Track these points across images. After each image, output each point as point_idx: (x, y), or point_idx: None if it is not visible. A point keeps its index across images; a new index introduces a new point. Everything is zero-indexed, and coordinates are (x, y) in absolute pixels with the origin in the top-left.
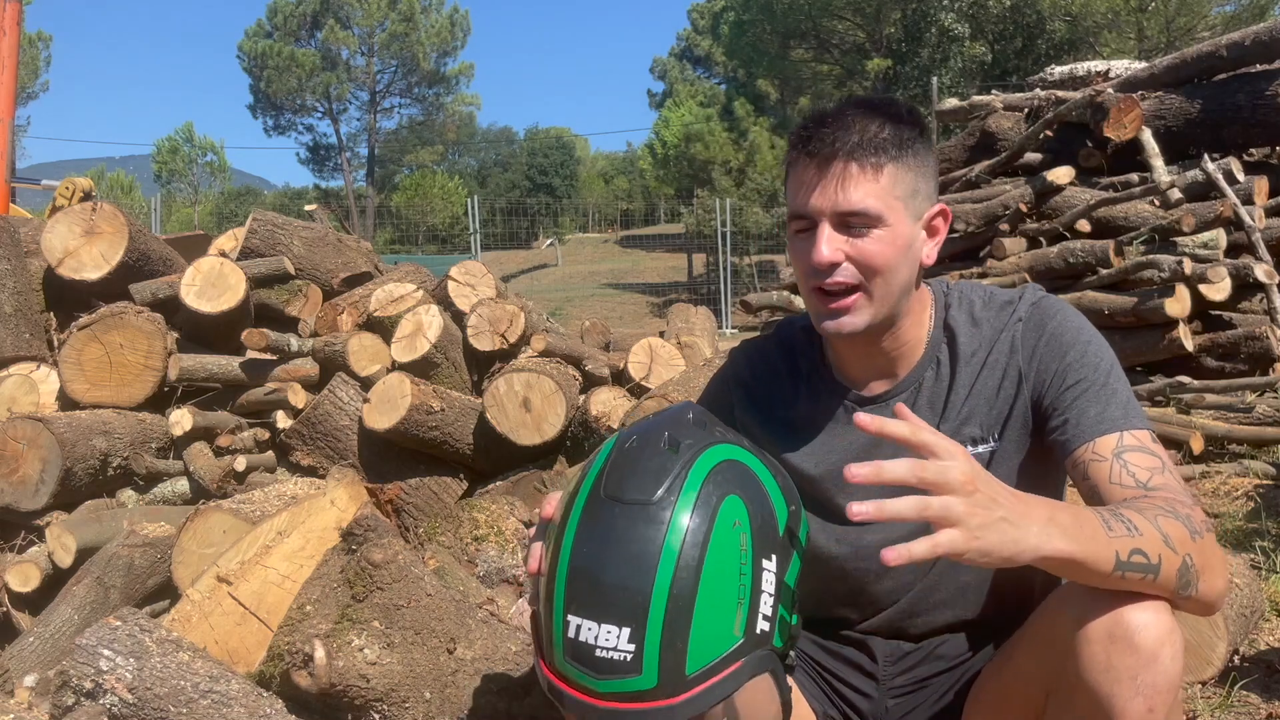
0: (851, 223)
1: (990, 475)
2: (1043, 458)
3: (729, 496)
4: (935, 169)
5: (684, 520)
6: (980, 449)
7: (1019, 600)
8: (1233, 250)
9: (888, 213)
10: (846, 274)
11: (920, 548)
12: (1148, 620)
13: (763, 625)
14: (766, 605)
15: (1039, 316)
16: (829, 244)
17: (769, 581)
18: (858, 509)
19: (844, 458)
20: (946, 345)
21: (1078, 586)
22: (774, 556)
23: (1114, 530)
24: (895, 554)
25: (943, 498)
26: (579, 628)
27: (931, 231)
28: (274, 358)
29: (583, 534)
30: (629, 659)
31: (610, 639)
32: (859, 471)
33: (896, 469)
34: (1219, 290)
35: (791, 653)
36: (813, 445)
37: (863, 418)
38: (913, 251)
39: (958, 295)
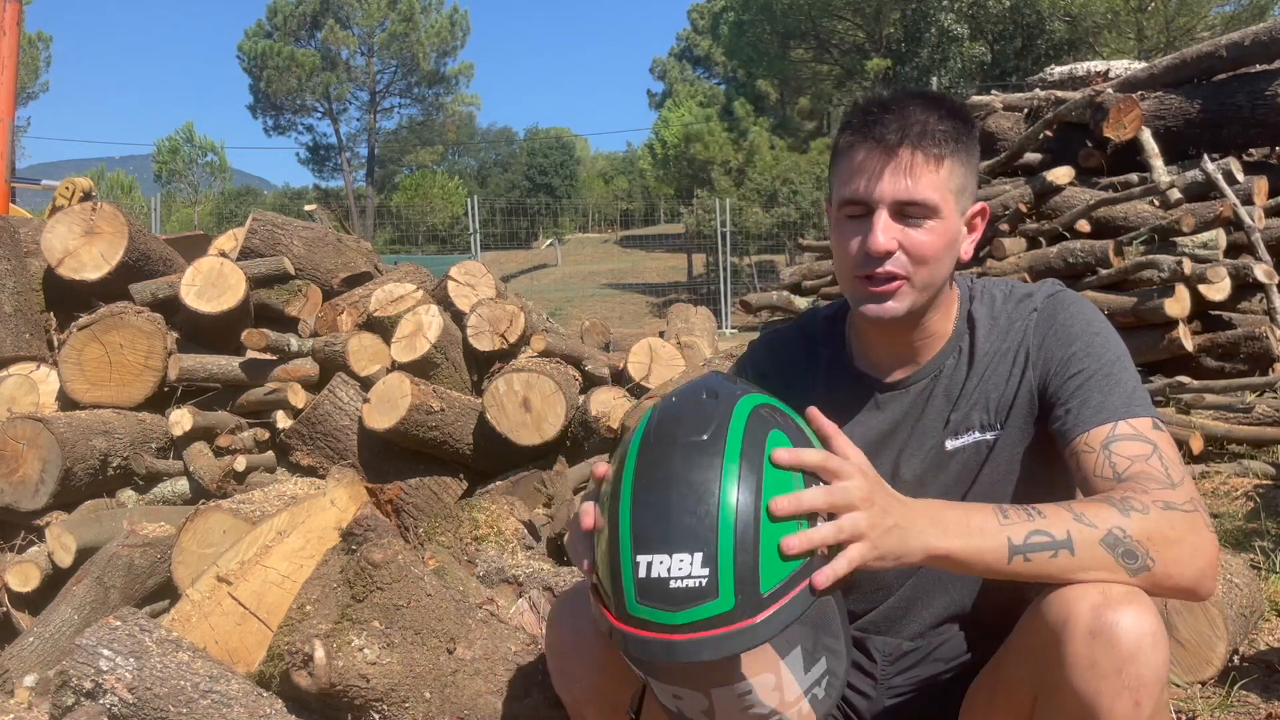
0: (908, 212)
1: (884, 486)
2: (1051, 445)
3: (772, 431)
4: (979, 168)
5: (737, 449)
6: (987, 435)
7: (1012, 591)
8: (1232, 250)
9: (942, 205)
10: (897, 264)
11: (840, 564)
12: (1129, 615)
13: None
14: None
15: (1052, 307)
16: (885, 232)
17: None
18: (791, 542)
19: (861, 444)
20: (969, 336)
21: (1058, 587)
22: (821, 484)
23: (1010, 518)
24: (823, 577)
25: (849, 515)
26: (649, 565)
27: (971, 228)
28: (274, 358)
29: (640, 479)
30: (704, 583)
31: (683, 567)
32: (782, 505)
33: (813, 498)
34: (1219, 290)
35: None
36: None
37: (780, 454)
38: (955, 246)
39: (981, 289)
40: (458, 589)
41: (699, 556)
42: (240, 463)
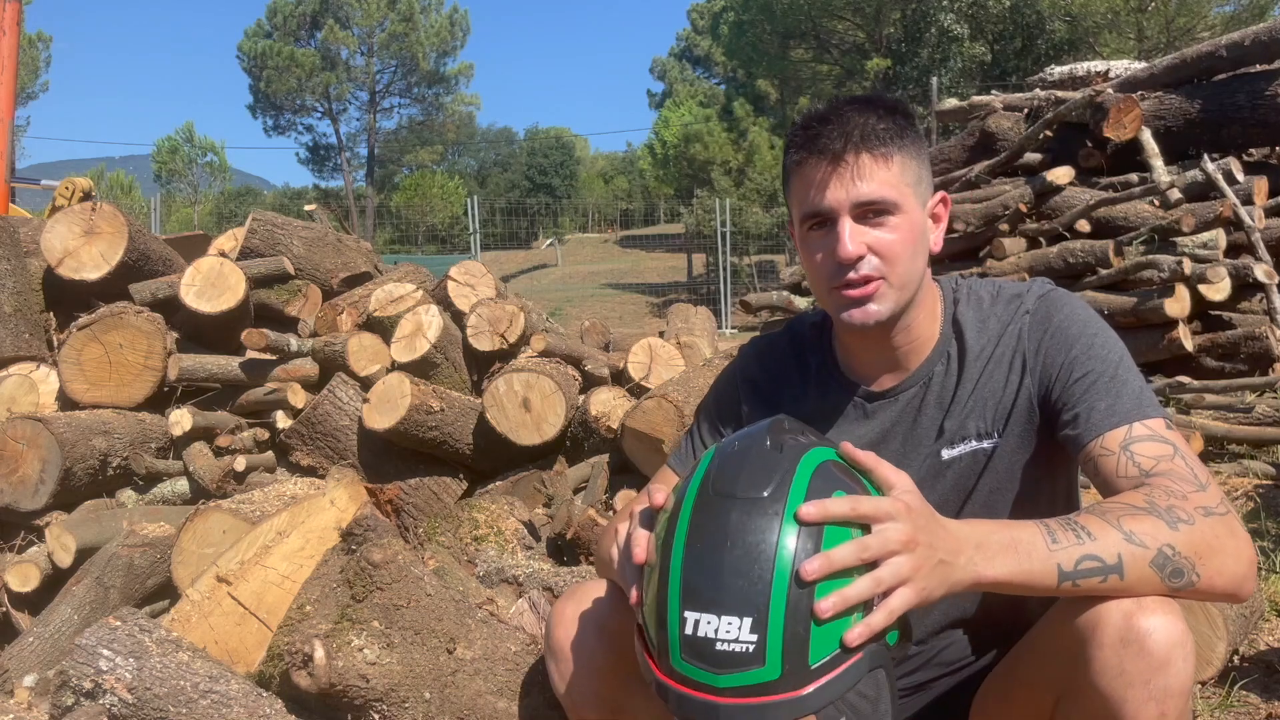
0: (868, 213)
1: (930, 518)
2: (1052, 453)
3: (836, 491)
4: (928, 158)
5: (796, 514)
6: (984, 443)
7: (1015, 598)
8: (1233, 250)
9: (901, 200)
10: (869, 266)
11: (878, 618)
12: (1160, 624)
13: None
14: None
15: (1046, 309)
16: (853, 238)
17: None
18: (825, 605)
19: None
20: (955, 340)
21: None
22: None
23: (1059, 541)
24: (854, 634)
25: (890, 563)
26: (697, 623)
27: (935, 219)
28: (274, 358)
29: (695, 531)
30: (751, 650)
31: (731, 630)
32: (811, 569)
33: (844, 555)
34: (1219, 290)
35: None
36: None
37: (806, 509)
38: (924, 239)
39: (966, 291)
40: (458, 589)
41: (748, 622)
42: (240, 463)
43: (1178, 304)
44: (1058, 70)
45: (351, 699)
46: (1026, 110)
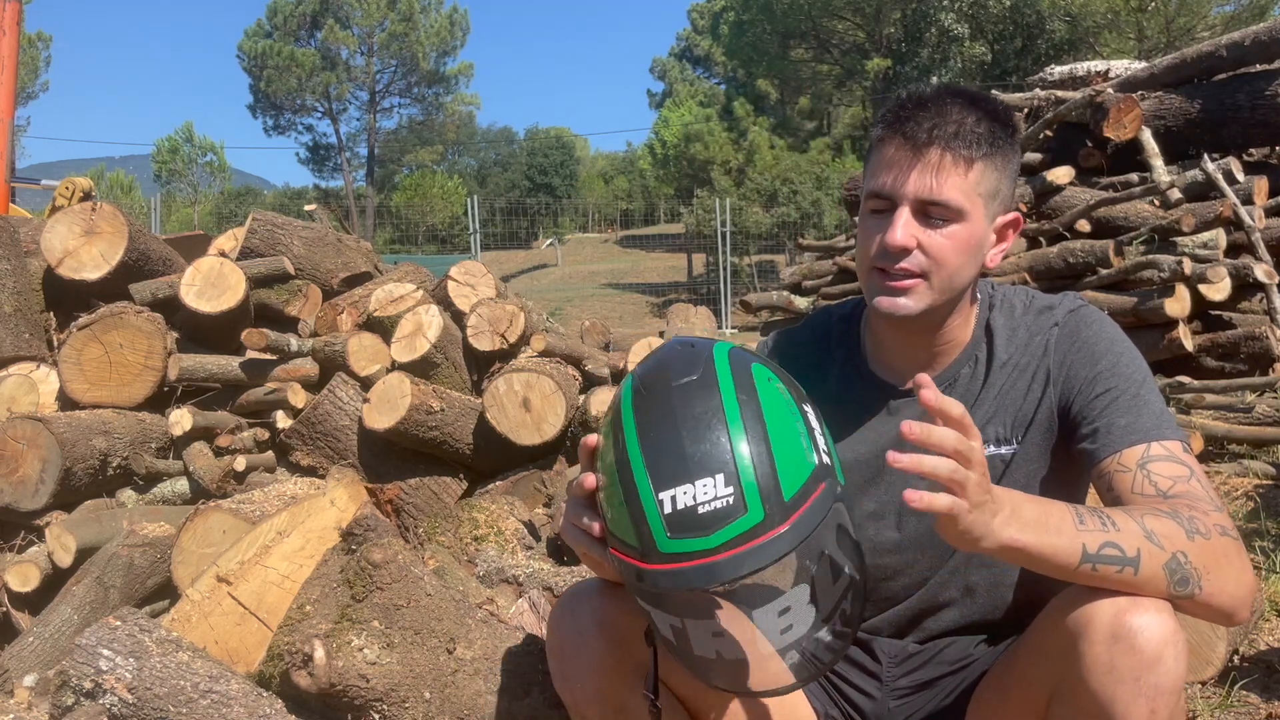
0: (931, 213)
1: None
2: (1067, 465)
3: (753, 364)
4: (1017, 174)
5: (729, 378)
6: (1003, 450)
7: (1028, 605)
8: (1233, 250)
9: (969, 209)
10: (914, 262)
11: (939, 501)
12: (1150, 622)
13: (824, 457)
14: (820, 440)
15: (1075, 324)
16: (904, 229)
17: (815, 420)
18: (896, 457)
19: (873, 449)
20: (986, 345)
21: (1079, 589)
22: (808, 405)
23: (1086, 524)
24: (918, 496)
25: (965, 471)
26: (674, 498)
27: (1001, 237)
28: (274, 358)
29: (644, 425)
30: (732, 500)
31: (709, 490)
32: (914, 431)
33: (944, 436)
34: (1219, 290)
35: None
36: (840, 434)
37: (909, 427)
38: (979, 252)
39: (1001, 297)
40: (458, 589)
41: (720, 478)
42: (240, 463)
43: (1178, 304)
44: (1058, 70)
45: (351, 699)
46: (1026, 110)
